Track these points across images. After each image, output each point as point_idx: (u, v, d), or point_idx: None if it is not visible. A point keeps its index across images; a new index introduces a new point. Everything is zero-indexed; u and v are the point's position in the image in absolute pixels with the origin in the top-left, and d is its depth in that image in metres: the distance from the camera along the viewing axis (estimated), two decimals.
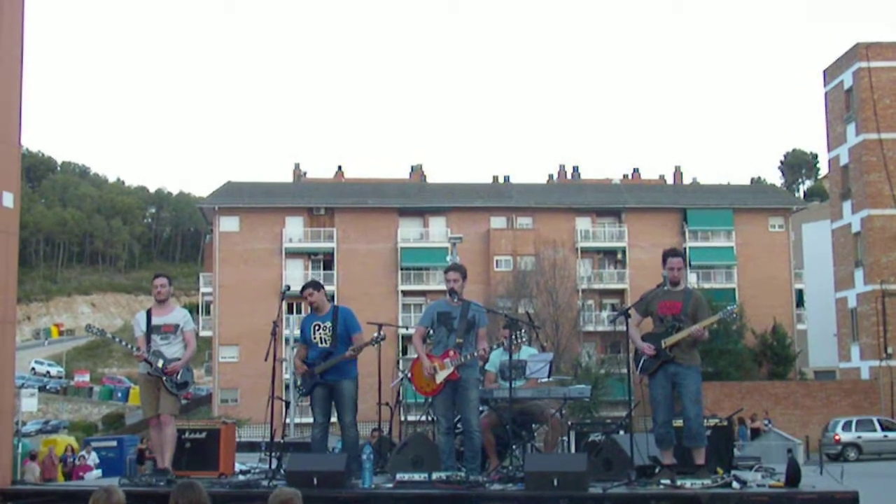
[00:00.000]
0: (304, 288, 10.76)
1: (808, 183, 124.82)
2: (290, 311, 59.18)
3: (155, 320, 10.47)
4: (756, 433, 35.22)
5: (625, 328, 9.68)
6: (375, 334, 10.70)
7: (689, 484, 8.84)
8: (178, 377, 10.32)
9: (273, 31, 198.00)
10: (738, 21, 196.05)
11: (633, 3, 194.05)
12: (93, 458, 29.87)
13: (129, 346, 10.48)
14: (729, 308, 10.63)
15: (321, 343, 10.46)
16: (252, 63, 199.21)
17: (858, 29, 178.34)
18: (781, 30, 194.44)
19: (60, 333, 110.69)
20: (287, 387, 44.57)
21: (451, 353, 9.82)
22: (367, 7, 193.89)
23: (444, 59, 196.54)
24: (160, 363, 10.23)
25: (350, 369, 10.46)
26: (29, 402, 33.86)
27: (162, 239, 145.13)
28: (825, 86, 47.07)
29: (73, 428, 65.33)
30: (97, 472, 27.80)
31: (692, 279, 62.57)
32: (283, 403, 20.91)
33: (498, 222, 66.64)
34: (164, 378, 10.25)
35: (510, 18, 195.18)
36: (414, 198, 68.08)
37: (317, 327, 10.54)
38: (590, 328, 62.49)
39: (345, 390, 10.36)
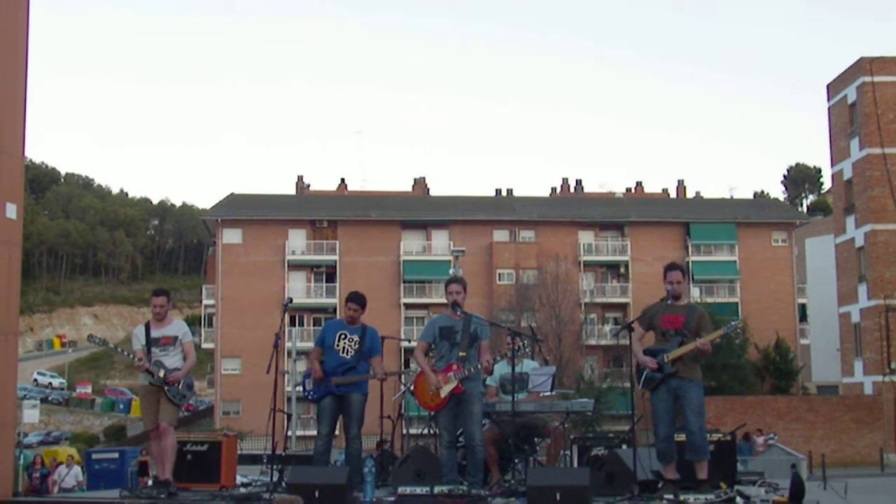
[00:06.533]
0: (350, 300, 10.76)
1: (812, 197, 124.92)
2: (292, 323, 59.30)
3: (154, 333, 10.45)
4: None
5: (628, 342, 9.65)
6: (409, 370, 10.84)
7: (693, 499, 8.79)
8: (180, 386, 10.31)
9: (277, 43, 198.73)
10: (742, 35, 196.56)
11: (637, 17, 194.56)
12: (74, 474, 26.13)
13: (132, 357, 10.47)
14: (733, 323, 10.63)
15: (343, 353, 10.52)
16: (256, 75, 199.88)
17: (862, 43, 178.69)
18: (785, 44, 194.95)
19: (63, 345, 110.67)
20: (289, 399, 44.50)
21: (455, 366, 9.79)
22: (371, 20, 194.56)
23: (447, 71, 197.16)
24: (161, 373, 10.22)
25: (364, 382, 10.62)
26: (31, 414, 33.65)
27: (165, 251, 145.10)
28: (829, 100, 46.96)
29: (74, 440, 65.31)
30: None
31: (695, 294, 62.51)
32: (285, 416, 20.88)
33: (500, 235, 66.58)
34: (165, 388, 10.24)
35: (514, 31, 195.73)
36: (417, 211, 68.12)
37: (342, 336, 10.58)
38: (592, 342, 62.41)
39: (355, 402, 10.48)
